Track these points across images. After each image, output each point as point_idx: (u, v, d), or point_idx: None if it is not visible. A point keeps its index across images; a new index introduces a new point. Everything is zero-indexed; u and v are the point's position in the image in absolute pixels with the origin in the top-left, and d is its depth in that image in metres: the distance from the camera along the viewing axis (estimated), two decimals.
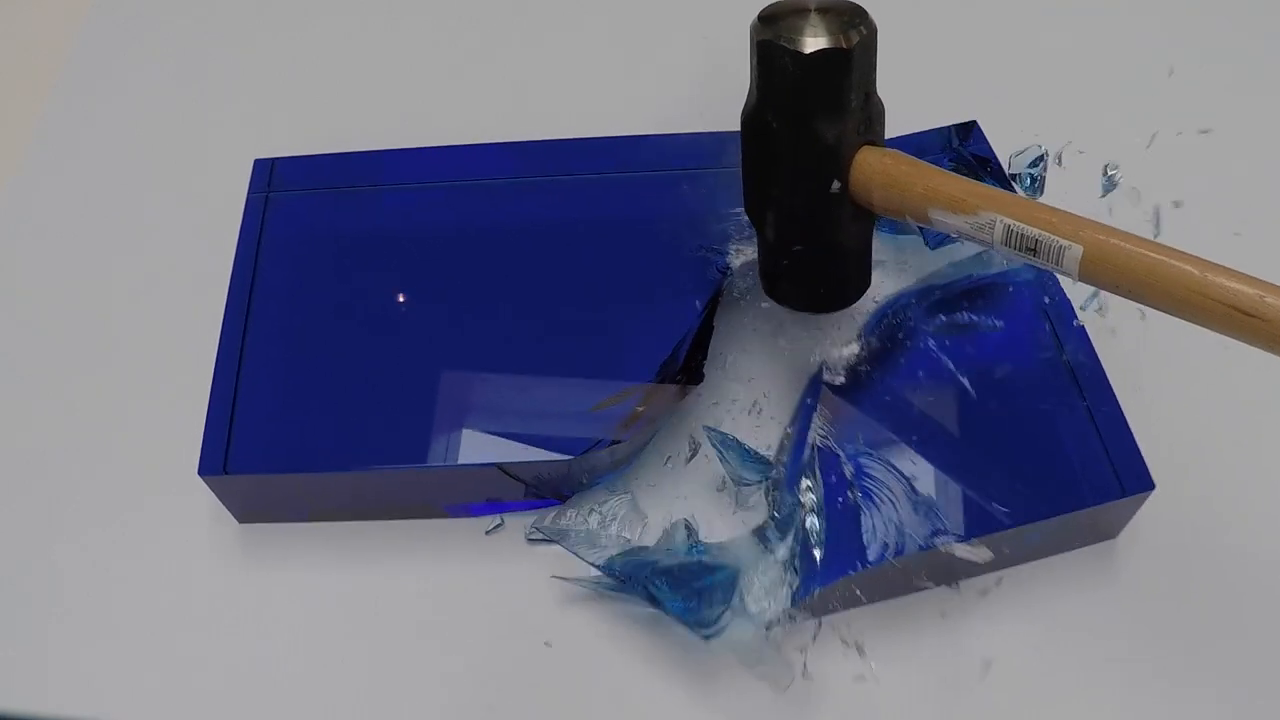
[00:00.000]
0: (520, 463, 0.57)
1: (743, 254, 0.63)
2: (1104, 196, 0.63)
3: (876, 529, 0.54)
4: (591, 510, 0.60)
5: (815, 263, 0.57)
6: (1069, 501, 0.56)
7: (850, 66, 0.51)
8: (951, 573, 0.56)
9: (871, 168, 0.52)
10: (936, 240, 0.67)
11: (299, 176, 0.68)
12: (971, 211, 0.50)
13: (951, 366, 0.59)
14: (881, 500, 0.55)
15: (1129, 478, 0.56)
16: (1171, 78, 0.79)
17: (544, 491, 0.61)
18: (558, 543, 0.60)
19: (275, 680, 0.57)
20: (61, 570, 0.61)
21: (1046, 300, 0.62)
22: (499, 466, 0.57)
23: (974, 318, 0.61)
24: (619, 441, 0.58)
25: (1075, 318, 0.61)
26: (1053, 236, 0.48)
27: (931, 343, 0.60)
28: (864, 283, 0.58)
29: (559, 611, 0.59)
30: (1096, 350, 0.60)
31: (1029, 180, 0.66)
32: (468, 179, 0.67)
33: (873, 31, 0.51)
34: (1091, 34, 0.84)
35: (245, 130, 0.77)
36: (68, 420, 0.65)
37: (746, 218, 0.64)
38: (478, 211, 0.66)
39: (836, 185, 0.53)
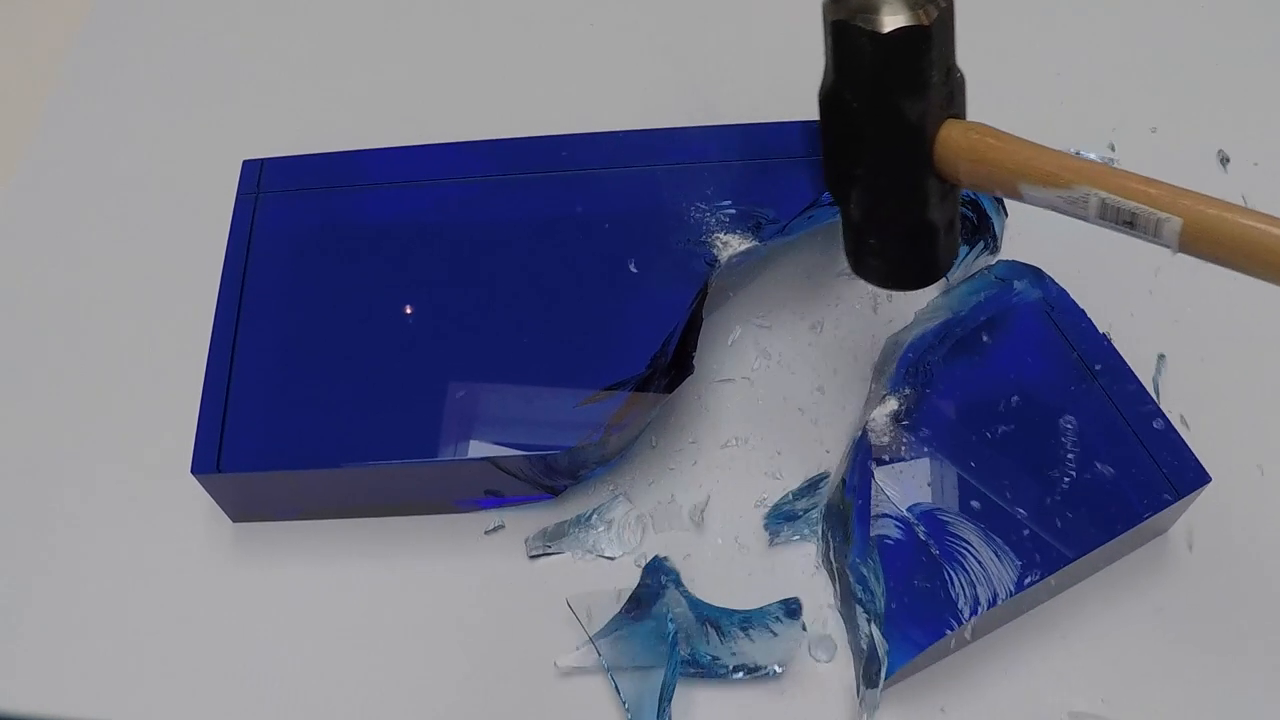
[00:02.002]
0: (511, 457, 0.58)
1: (729, 246, 0.63)
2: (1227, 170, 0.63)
3: (963, 585, 0.54)
4: (590, 516, 0.61)
5: (903, 240, 0.55)
6: (1126, 519, 0.56)
7: (930, 44, 0.48)
8: (1021, 606, 0.57)
9: (957, 143, 0.50)
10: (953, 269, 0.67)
11: (288, 176, 0.68)
12: (1065, 185, 0.48)
13: (986, 404, 0.59)
14: (962, 554, 0.55)
15: (1179, 477, 0.56)
16: (1167, 75, 0.79)
17: (537, 485, 0.61)
18: (560, 553, 0.60)
19: (270, 679, 0.57)
20: (56, 571, 0.61)
21: (1057, 314, 0.62)
22: (490, 460, 0.58)
23: (996, 349, 0.61)
24: (610, 435, 0.58)
25: (1094, 326, 0.61)
26: (1150, 209, 0.46)
27: (962, 383, 0.60)
28: (952, 257, 0.56)
29: (557, 609, 0.59)
30: (1123, 354, 0.60)
31: None
32: (456, 176, 0.67)
33: (950, 3, 0.49)
34: (1089, 34, 0.84)
35: (234, 131, 0.77)
36: (61, 421, 0.66)
37: (734, 210, 0.64)
38: (466, 209, 0.66)
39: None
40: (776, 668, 0.56)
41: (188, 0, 0.85)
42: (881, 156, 0.52)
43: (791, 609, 0.55)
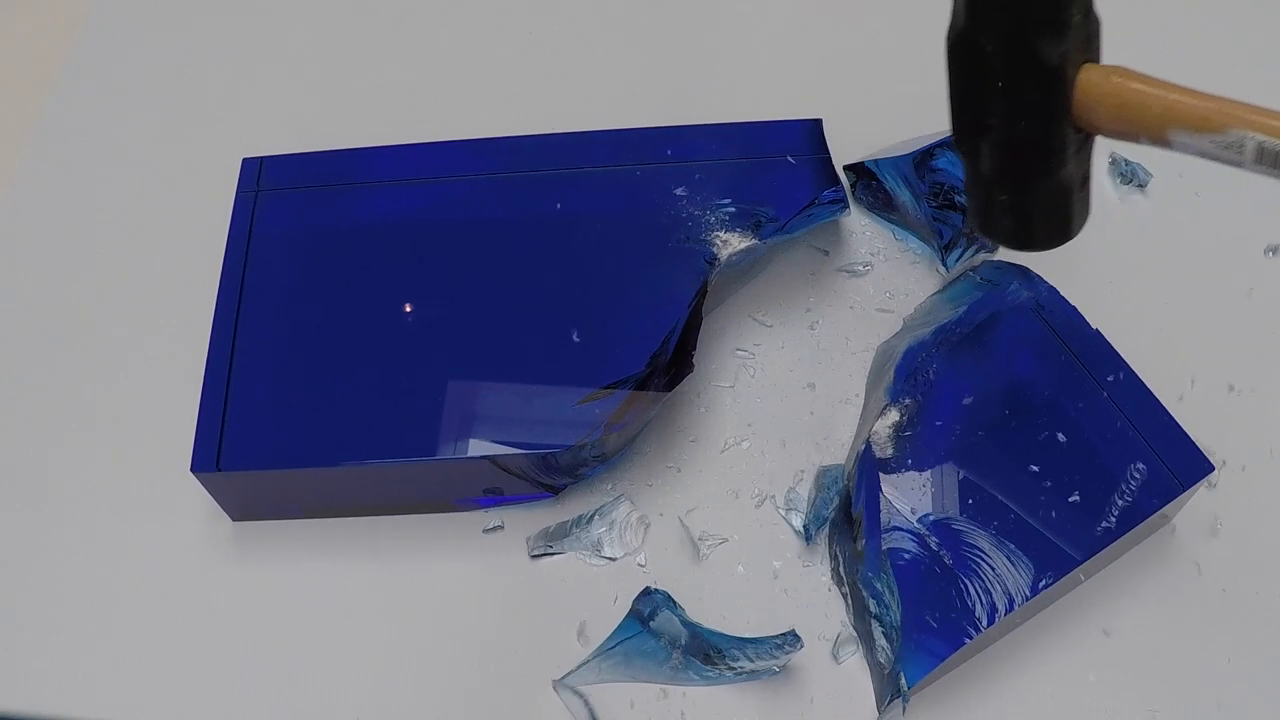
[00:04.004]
0: (511, 455, 0.58)
1: (729, 244, 0.63)
2: None
3: (979, 593, 0.54)
4: (591, 516, 0.61)
5: (1037, 195, 0.51)
6: (1134, 513, 0.56)
7: None
8: (1035, 608, 0.57)
9: (1098, 89, 0.47)
10: (952, 261, 0.67)
11: (287, 175, 0.68)
12: (1219, 130, 0.45)
13: (987, 408, 0.59)
14: (976, 562, 0.55)
15: (1183, 469, 0.56)
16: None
17: (537, 484, 0.61)
18: (561, 553, 0.60)
19: (270, 678, 0.57)
20: (57, 570, 0.61)
21: (1048, 313, 0.61)
22: (490, 459, 0.58)
23: (992, 352, 0.61)
24: (610, 433, 0.58)
25: (1087, 322, 0.61)
26: None
27: (962, 390, 0.60)
28: (1084, 215, 0.53)
29: (557, 608, 0.59)
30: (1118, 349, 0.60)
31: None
32: (455, 175, 0.67)
33: None
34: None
35: (234, 130, 0.77)
36: (61, 420, 0.66)
37: (733, 208, 0.64)
38: (466, 207, 0.66)
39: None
40: (775, 669, 0.56)
41: (187, 0, 0.85)
42: (1017, 104, 0.48)
43: (790, 639, 0.55)
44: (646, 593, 0.57)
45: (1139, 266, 0.69)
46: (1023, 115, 0.48)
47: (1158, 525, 0.59)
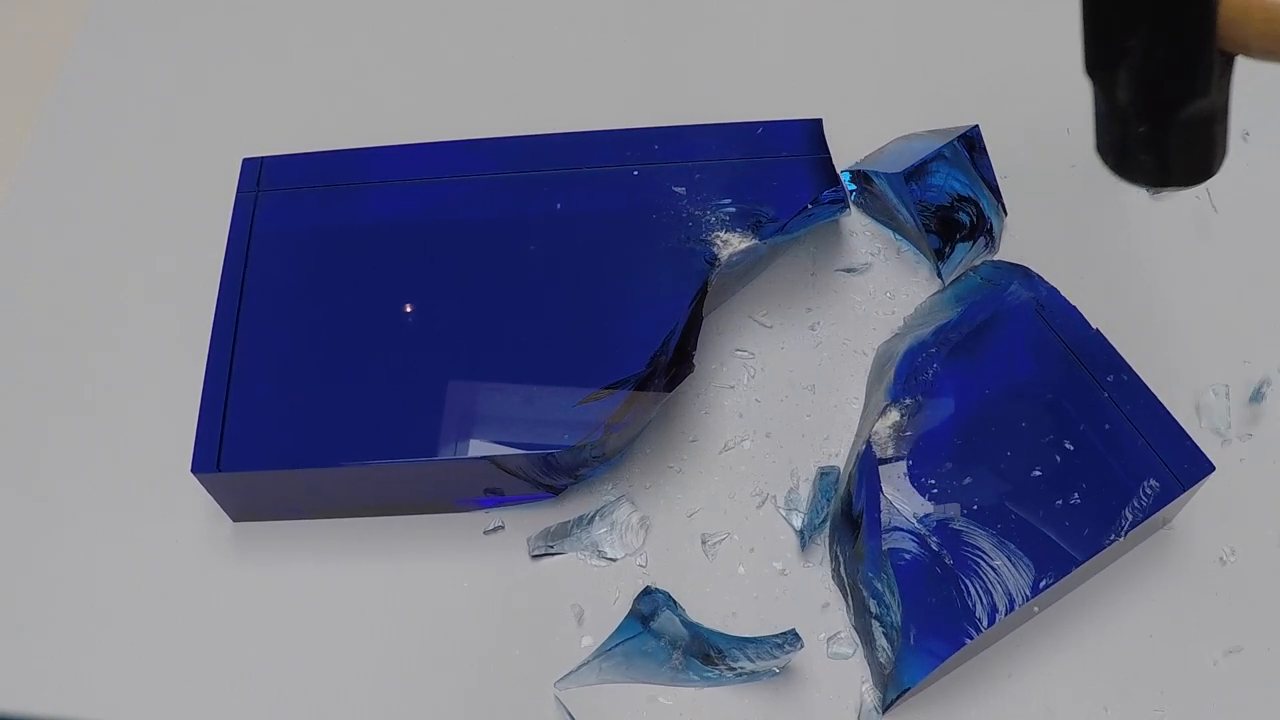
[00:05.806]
0: (511, 456, 0.58)
1: (729, 244, 0.63)
2: None
3: (979, 593, 0.54)
4: (592, 516, 0.61)
5: (1179, 126, 0.48)
6: (1134, 515, 0.56)
7: None
8: (1034, 609, 0.57)
9: (1246, 3, 0.44)
10: (947, 271, 0.67)
11: (287, 175, 0.68)
12: None
13: (988, 408, 0.59)
14: (976, 562, 0.55)
15: (1183, 469, 0.56)
16: None
17: (538, 484, 0.61)
18: (562, 553, 0.60)
19: (270, 678, 0.57)
20: (56, 570, 0.61)
21: (1048, 313, 0.61)
22: (491, 459, 0.58)
23: (992, 353, 0.61)
24: (610, 433, 0.58)
25: (1087, 323, 0.61)
26: None
27: (962, 390, 0.59)
28: (1225, 151, 0.50)
29: (557, 608, 0.59)
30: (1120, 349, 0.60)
31: None
32: (455, 175, 0.67)
33: None
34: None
35: (234, 130, 0.77)
36: (61, 420, 0.66)
37: (734, 209, 0.64)
38: (466, 207, 0.66)
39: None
40: (775, 669, 0.56)
41: (187, 0, 0.85)
42: (1160, 23, 0.45)
43: (790, 639, 0.55)
44: (647, 593, 0.57)
45: (1140, 267, 0.69)
46: (1166, 35, 0.45)
47: (1157, 526, 0.59)
